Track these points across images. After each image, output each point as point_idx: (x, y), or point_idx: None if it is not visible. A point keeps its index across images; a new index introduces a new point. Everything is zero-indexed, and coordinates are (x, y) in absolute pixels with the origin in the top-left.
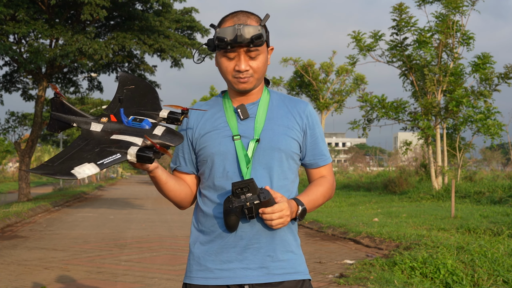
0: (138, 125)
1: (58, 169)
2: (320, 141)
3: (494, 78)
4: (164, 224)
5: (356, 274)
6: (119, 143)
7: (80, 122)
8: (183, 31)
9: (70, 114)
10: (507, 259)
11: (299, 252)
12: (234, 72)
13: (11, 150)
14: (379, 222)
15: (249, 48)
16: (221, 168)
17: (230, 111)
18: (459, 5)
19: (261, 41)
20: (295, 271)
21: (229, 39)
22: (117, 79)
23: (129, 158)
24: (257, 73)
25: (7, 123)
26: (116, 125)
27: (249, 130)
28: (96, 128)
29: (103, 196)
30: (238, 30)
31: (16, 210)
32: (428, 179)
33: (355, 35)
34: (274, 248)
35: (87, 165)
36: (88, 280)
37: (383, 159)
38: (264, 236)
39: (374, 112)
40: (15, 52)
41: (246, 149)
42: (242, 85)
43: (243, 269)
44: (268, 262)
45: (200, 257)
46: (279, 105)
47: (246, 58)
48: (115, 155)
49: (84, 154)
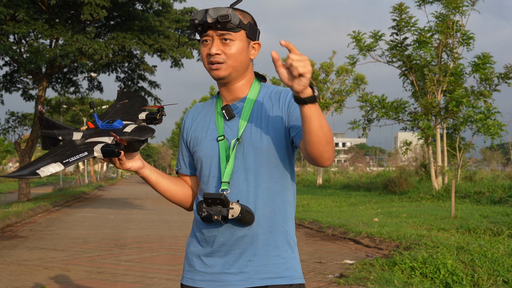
0: (110, 126)
1: (26, 170)
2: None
3: (494, 78)
4: (164, 224)
5: (356, 274)
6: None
7: (63, 134)
8: (183, 31)
9: (55, 128)
10: (507, 259)
11: (288, 256)
12: (207, 57)
13: (11, 150)
14: (379, 222)
15: (221, 32)
16: (207, 171)
17: (219, 112)
18: (459, 5)
19: (229, 22)
20: (278, 275)
21: (198, 19)
22: (117, 79)
23: (95, 155)
24: (231, 60)
25: (7, 123)
26: (91, 131)
27: (234, 130)
28: (77, 137)
29: (103, 196)
30: (206, 11)
31: (16, 210)
32: (428, 179)
33: (355, 35)
34: (255, 252)
35: (53, 164)
36: (88, 280)
37: (383, 159)
38: (246, 240)
39: (374, 112)
40: (15, 52)
41: (229, 149)
42: (215, 72)
43: (225, 274)
44: (248, 267)
45: (190, 258)
46: (265, 101)
47: (218, 42)
48: (82, 153)
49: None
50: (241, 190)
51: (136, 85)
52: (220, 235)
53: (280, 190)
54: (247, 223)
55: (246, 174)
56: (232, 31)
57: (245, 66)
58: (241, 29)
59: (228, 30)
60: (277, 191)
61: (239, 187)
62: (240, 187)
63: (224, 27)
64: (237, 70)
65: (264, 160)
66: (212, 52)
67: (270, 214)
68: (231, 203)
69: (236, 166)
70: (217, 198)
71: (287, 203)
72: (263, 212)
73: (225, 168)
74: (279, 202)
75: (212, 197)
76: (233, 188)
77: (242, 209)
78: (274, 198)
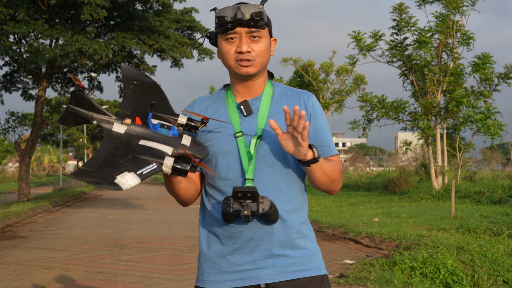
0: (166, 132)
1: (101, 177)
2: (324, 133)
3: (494, 78)
4: (164, 224)
5: (356, 274)
6: (150, 151)
7: (101, 121)
8: (183, 31)
9: (91, 111)
10: (507, 259)
11: (312, 248)
12: (236, 54)
13: (11, 150)
14: (379, 222)
15: (250, 29)
16: (226, 167)
17: (233, 107)
18: (459, 5)
19: (262, 20)
20: (307, 267)
21: (229, 17)
22: (117, 79)
23: (164, 169)
24: (260, 57)
25: (7, 123)
26: (141, 129)
27: (252, 127)
28: (119, 130)
29: (103, 196)
30: (238, 8)
31: (16, 210)
32: (428, 179)
33: (355, 35)
34: (285, 246)
35: (128, 175)
36: (88, 280)
37: (383, 159)
38: (273, 235)
39: (374, 112)
40: (15, 52)
41: (248, 146)
42: (245, 69)
43: (257, 270)
44: (280, 260)
45: (211, 259)
46: (282, 98)
47: (247, 40)
48: (152, 165)
49: (119, 160)
50: (264, 186)
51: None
52: (247, 230)
53: (301, 187)
54: (273, 220)
55: (268, 171)
56: (260, 28)
57: (268, 63)
58: (267, 26)
59: (258, 27)
60: (299, 186)
61: (263, 184)
62: (264, 184)
63: (256, 25)
64: (264, 67)
65: (284, 158)
66: (244, 50)
67: (295, 210)
68: (260, 197)
69: (257, 163)
70: (248, 191)
71: (305, 198)
72: (288, 207)
73: (248, 165)
74: (301, 197)
75: (242, 190)
76: (257, 185)
77: (271, 204)
78: (298, 192)
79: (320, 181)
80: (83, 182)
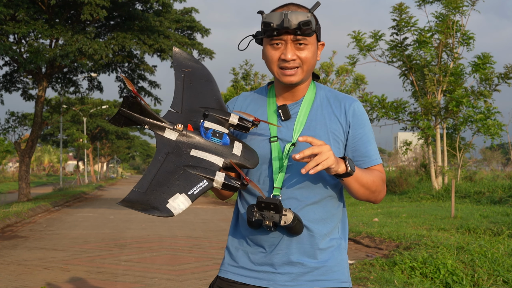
0: (217, 141)
1: (153, 202)
2: (364, 142)
3: (494, 78)
4: (164, 224)
5: (356, 274)
6: (201, 164)
7: (153, 126)
8: (183, 31)
9: (143, 115)
10: (507, 259)
11: (337, 257)
12: (280, 61)
13: (11, 150)
14: (379, 222)
15: (296, 37)
16: (258, 172)
17: (273, 109)
18: (459, 5)
19: (309, 28)
20: (326, 278)
21: (275, 24)
22: (117, 79)
23: (215, 186)
24: (305, 65)
25: (7, 123)
26: (193, 137)
27: (288, 133)
28: (171, 136)
29: (103, 196)
30: (286, 16)
31: (16, 210)
32: (428, 179)
33: (355, 35)
34: (305, 254)
35: (180, 198)
36: (88, 280)
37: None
38: (294, 243)
39: (374, 112)
40: (15, 52)
41: (282, 152)
42: (288, 78)
43: (273, 274)
44: (296, 268)
45: (234, 255)
46: (323, 105)
47: (293, 47)
48: (203, 183)
49: (170, 178)
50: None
51: (136, 85)
52: (271, 236)
53: (332, 193)
54: (296, 232)
55: (298, 180)
56: (308, 36)
57: (313, 69)
58: (314, 32)
59: (305, 35)
60: (330, 194)
61: (290, 193)
62: (291, 193)
63: (303, 33)
64: (308, 74)
65: None
66: (288, 58)
67: (322, 219)
68: (284, 210)
69: (288, 172)
70: (271, 203)
71: (339, 205)
72: (313, 217)
73: (278, 172)
74: (330, 206)
75: (266, 201)
76: (284, 194)
77: (294, 217)
78: (327, 201)
79: (358, 193)
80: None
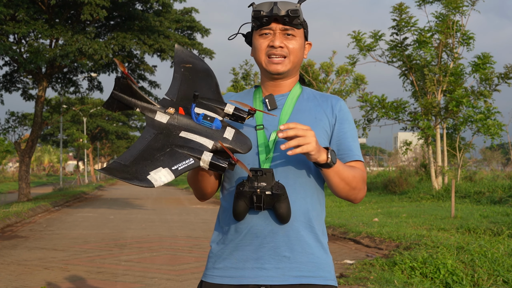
0: (208, 124)
1: (134, 173)
2: (348, 137)
3: (494, 78)
4: (164, 224)
5: (356, 274)
6: (189, 144)
7: (144, 108)
8: (183, 31)
9: (135, 98)
10: (507, 259)
11: (322, 255)
12: (268, 48)
13: (11, 150)
14: (379, 222)
15: (285, 27)
16: (243, 159)
17: (259, 101)
18: (459, 5)
19: (297, 18)
20: (313, 275)
21: (265, 11)
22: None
23: (201, 165)
24: (292, 55)
25: (7, 123)
26: (184, 120)
27: (274, 121)
28: (161, 119)
29: (103, 196)
30: (275, 3)
31: (16, 210)
32: (428, 179)
33: (355, 35)
34: (292, 248)
35: (162, 171)
36: (88, 280)
37: (383, 159)
38: (280, 234)
39: (374, 112)
40: (15, 52)
41: (268, 140)
42: (275, 66)
43: (258, 269)
44: (284, 263)
45: (217, 255)
46: (309, 98)
47: (281, 36)
48: (188, 160)
49: (156, 154)
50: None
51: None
52: (254, 225)
53: (315, 188)
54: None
55: (283, 168)
56: (295, 27)
57: (300, 64)
58: (302, 27)
59: (293, 26)
60: (314, 189)
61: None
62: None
63: (291, 22)
64: (295, 67)
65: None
66: (276, 45)
67: (306, 211)
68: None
69: (275, 159)
70: (265, 171)
71: (321, 203)
72: (299, 207)
73: (265, 159)
74: (315, 200)
75: (258, 170)
76: None
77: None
78: (312, 194)
79: (338, 187)
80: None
